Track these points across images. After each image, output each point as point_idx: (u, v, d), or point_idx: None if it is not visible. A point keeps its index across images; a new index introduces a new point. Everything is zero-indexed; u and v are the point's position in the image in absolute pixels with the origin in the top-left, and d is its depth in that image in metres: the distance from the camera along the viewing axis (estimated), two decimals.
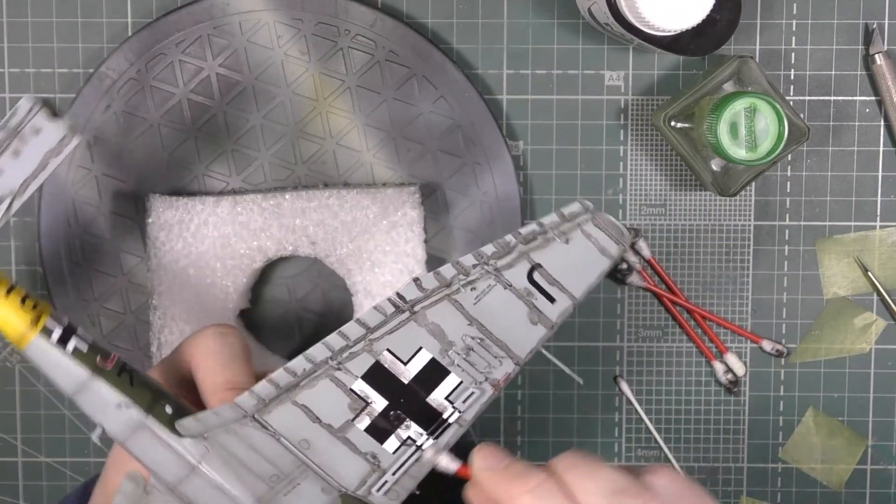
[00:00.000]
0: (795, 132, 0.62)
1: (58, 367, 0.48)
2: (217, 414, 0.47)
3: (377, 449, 0.48)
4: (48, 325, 0.48)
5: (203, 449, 0.47)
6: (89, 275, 0.67)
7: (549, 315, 0.49)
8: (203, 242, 0.65)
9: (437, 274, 0.48)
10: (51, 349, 0.48)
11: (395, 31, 0.66)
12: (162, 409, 0.48)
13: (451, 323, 0.48)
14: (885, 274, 0.68)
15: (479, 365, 0.48)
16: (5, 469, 0.69)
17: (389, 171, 0.67)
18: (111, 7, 0.67)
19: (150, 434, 0.48)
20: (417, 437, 0.48)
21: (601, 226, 0.49)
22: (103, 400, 0.48)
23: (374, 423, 0.48)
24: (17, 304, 0.48)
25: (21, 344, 0.48)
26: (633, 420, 0.69)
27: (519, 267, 0.48)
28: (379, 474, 0.48)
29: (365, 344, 0.47)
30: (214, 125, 0.66)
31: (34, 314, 0.48)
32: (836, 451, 0.69)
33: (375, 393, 0.48)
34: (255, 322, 0.68)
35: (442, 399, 0.48)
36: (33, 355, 0.48)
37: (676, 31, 0.59)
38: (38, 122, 0.50)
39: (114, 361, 0.48)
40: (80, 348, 0.48)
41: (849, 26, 0.67)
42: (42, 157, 0.50)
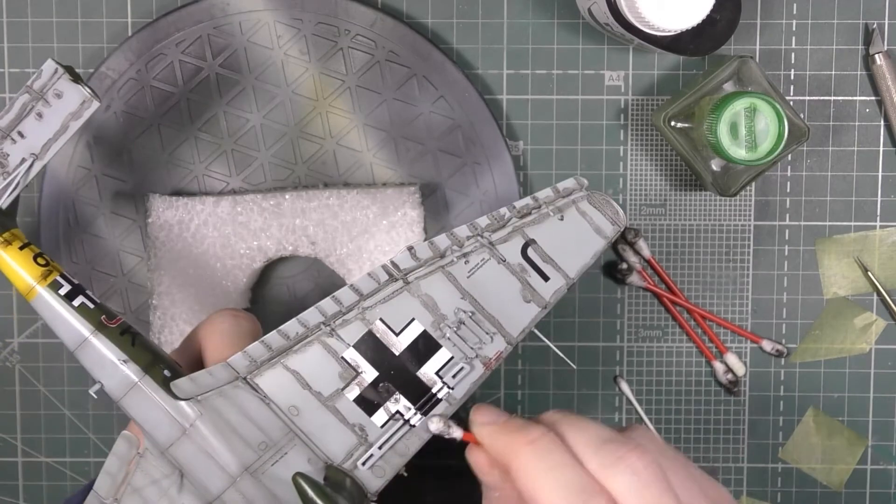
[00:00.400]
0: (795, 132, 0.62)
1: (63, 320, 0.50)
2: (211, 374, 0.48)
3: (365, 421, 0.48)
4: (58, 280, 0.50)
5: (196, 412, 0.48)
6: (89, 275, 0.67)
7: (542, 293, 0.49)
8: (203, 242, 0.65)
9: (432, 244, 0.48)
10: (58, 302, 0.50)
11: (395, 31, 0.66)
12: (159, 371, 0.49)
13: (444, 295, 0.48)
14: (885, 274, 0.68)
15: (470, 340, 0.48)
16: (5, 469, 0.69)
17: (389, 171, 0.67)
18: (111, 7, 0.67)
19: (145, 393, 0.48)
20: (406, 412, 0.48)
21: (597, 204, 0.49)
22: (103, 356, 0.49)
23: (364, 393, 0.48)
24: (29, 258, 0.51)
25: (30, 296, 0.50)
26: (633, 420, 0.69)
27: (513, 242, 0.48)
28: (366, 447, 0.48)
29: (358, 311, 0.47)
30: (214, 125, 0.67)
31: (45, 270, 0.50)
32: (836, 451, 0.69)
33: (366, 363, 0.48)
34: None
35: (432, 374, 0.48)
36: (40, 308, 0.50)
37: (676, 31, 0.59)
38: (61, 86, 0.52)
39: (118, 322, 0.50)
40: (87, 305, 0.50)
41: (849, 26, 0.67)
42: (63, 120, 0.53)
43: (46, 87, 0.52)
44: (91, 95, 0.52)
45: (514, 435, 0.45)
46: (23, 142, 0.52)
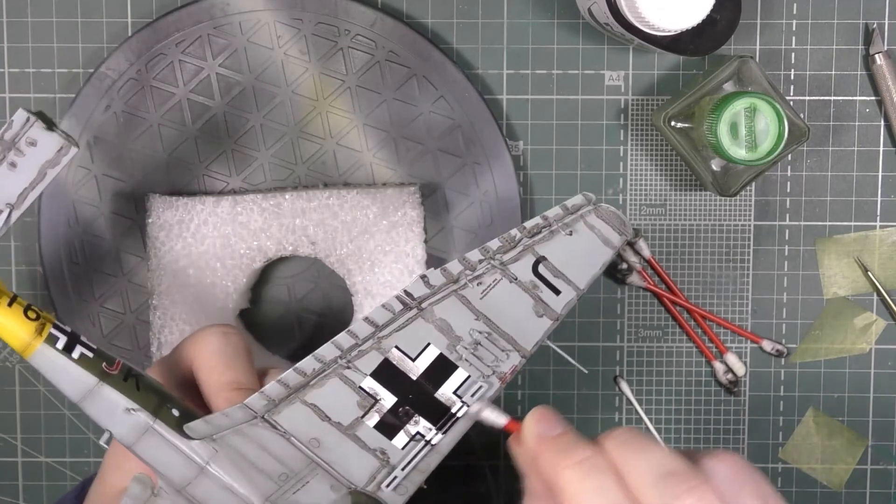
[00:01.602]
0: (795, 132, 0.62)
1: (65, 373, 0.48)
2: (227, 416, 0.47)
3: (386, 445, 0.48)
4: (53, 333, 0.48)
5: (211, 450, 0.47)
6: (89, 275, 0.67)
7: (554, 307, 0.49)
8: (203, 242, 0.65)
9: (444, 270, 0.48)
10: (57, 356, 0.48)
11: (395, 31, 0.66)
12: (169, 412, 0.48)
13: (459, 318, 0.48)
14: (885, 274, 0.68)
15: (486, 359, 0.48)
16: (5, 469, 0.69)
17: (389, 171, 0.67)
18: (111, 7, 0.67)
19: (158, 437, 0.47)
20: (426, 432, 0.48)
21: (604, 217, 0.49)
22: (111, 405, 0.48)
23: (384, 419, 0.48)
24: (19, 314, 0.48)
25: (27, 353, 0.48)
26: (633, 420, 0.69)
27: (524, 260, 0.48)
28: (388, 470, 0.48)
29: (374, 342, 0.47)
30: (214, 125, 0.66)
31: (38, 324, 0.48)
32: (836, 451, 0.69)
33: (384, 390, 0.48)
34: (255, 322, 0.68)
35: (450, 394, 0.48)
36: (40, 364, 0.48)
37: (676, 31, 0.59)
38: (34, 134, 0.50)
39: (119, 366, 0.48)
40: (86, 354, 0.48)
41: (849, 26, 0.67)
42: (39, 168, 0.50)
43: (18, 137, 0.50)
44: (68, 141, 0.50)
45: (562, 452, 0.44)
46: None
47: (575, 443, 0.44)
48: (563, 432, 0.45)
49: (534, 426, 0.46)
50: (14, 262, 0.68)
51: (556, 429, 0.46)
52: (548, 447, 0.45)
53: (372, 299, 0.65)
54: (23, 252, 0.68)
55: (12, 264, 0.68)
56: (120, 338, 0.67)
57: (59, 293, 0.67)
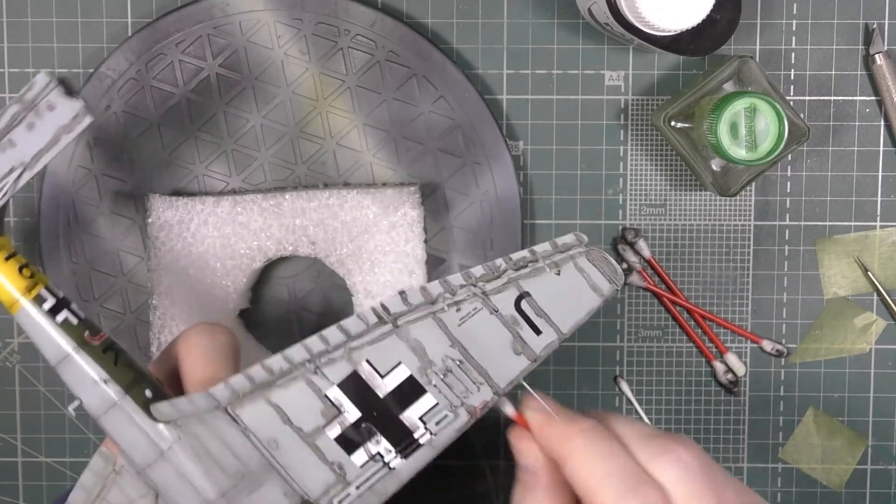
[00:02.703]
0: (795, 132, 0.62)
1: (45, 335, 0.49)
2: (191, 401, 0.47)
3: (345, 460, 0.48)
4: (42, 294, 0.49)
5: (175, 436, 0.48)
6: (89, 275, 0.67)
7: (533, 347, 0.48)
8: (203, 242, 0.65)
9: (424, 290, 0.47)
10: (40, 317, 0.49)
11: (395, 31, 0.66)
12: (141, 392, 0.48)
13: (433, 341, 0.48)
14: (885, 274, 0.68)
15: (456, 388, 0.48)
16: (5, 469, 0.69)
17: (389, 171, 0.67)
18: (111, 7, 0.67)
19: (125, 414, 0.48)
20: (386, 454, 0.48)
21: (595, 262, 0.48)
22: (84, 373, 0.48)
23: (345, 433, 0.47)
24: (14, 269, 0.49)
25: (13, 309, 0.49)
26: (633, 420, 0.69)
27: (507, 293, 0.48)
28: (343, 486, 0.48)
29: (344, 351, 0.47)
30: (214, 125, 0.67)
31: (30, 282, 0.49)
32: (836, 451, 0.69)
33: (349, 402, 0.47)
34: (255, 322, 0.68)
35: (415, 418, 0.48)
36: (23, 321, 0.49)
37: (676, 31, 0.59)
38: (54, 99, 0.51)
39: (101, 339, 0.49)
40: (70, 321, 0.49)
41: (849, 26, 0.67)
42: (55, 132, 0.52)
43: (38, 99, 0.51)
44: (84, 109, 0.52)
45: (566, 424, 0.46)
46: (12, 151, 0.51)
47: (575, 415, 0.46)
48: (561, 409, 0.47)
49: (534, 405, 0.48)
50: None
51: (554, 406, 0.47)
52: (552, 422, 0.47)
53: (372, 299, 0.65)
54: (23, 251, 0.68)
55: None
56: (120, 338, 0.67)
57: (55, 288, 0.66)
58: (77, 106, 0.52)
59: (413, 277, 0.65)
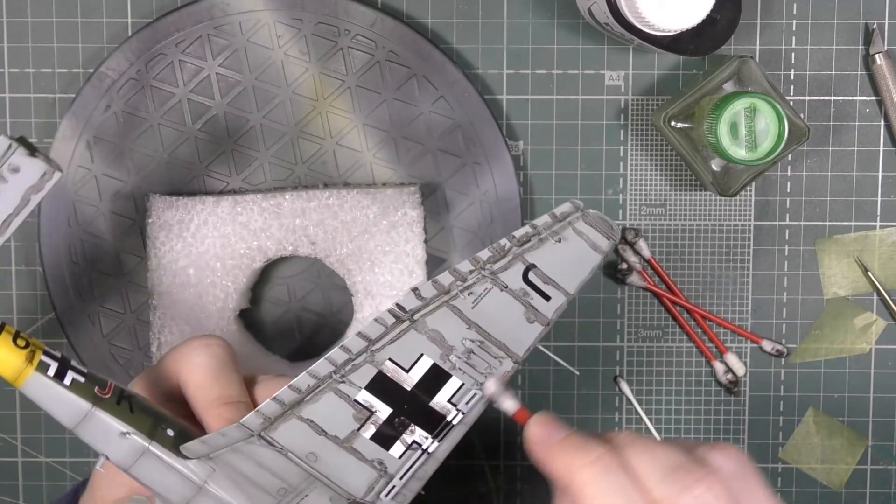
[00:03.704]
0: (795, 132, 0.62)
1: (58, 400, 0.47)
2: (223, 435, 0.47)
3: (383, 455, 0.48)
4: (43, 360, 0.47)
5: (209, 469, 0.47)
6: (89, 275, 0.67)
7: (545, 312, 0.49)
8: (203, 242, 0.65)
9: (436, 282, 0.48)
10: (49, 384, 0.47)
11: (395, 31, 0.66)
12: (164, 433, 0.48)
13: (451, 328, 0.48)
14: (885, 274, 0.68)
15: (479, 366, 0.48)
16: (5, 469, 0.69)
17: (389, 171, 0.67)
18: (111, 7, 0.67)
19: (155, 459, 0.47)
20: (423, 441, 0.48)
21: (591, 222, 0.49)
22: (106, 429, 0.47)
23: (380, 430, 0.48)
24: (8, 342, 0.47)
25: (18, 381, 0.47)
26: (633, 420, 0.69)
27: (514, 269, 0.49)
28: (386, 479, 0.48)
29: (367, 355, 0.48)
30: (214, 125, 0.66)
31: (27, 352, 0.47)
32: (836, 451, 0.69)
33: (379, 402, 0.48)
34: (255, 322, 0.68)
35: (445, 402, 0.48)
36: (32, 391, 0.47)
37: (676, 31, 0.59)
38: (16, 161, 0.49)
39: (111, 389, 0.48)
40: (78, 380, 0.47)
41: (849, 26, 0.67)
42: (23, 194, 0.50)
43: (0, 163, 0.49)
44: (51, 167, 0.50)
45: (574, 453, 0.44)
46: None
47: (584, 442, 0.44)
48: (569, 434, 0.46)
49: (538, 430, 0.46)
50: (14, 262, 0.68)
51: (560, 432, 0.46)
52: (558, 450, 0.45)
53: (372, 299, 0.65)
54: (23, 252, 0.68)
55: (12, 264, 0.68)
56: (120, 338, 0.67)
57: (59, 293, 0.67)
58: (42, 165, 0.49)
59: (413, 277, 0.65)
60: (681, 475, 0.42)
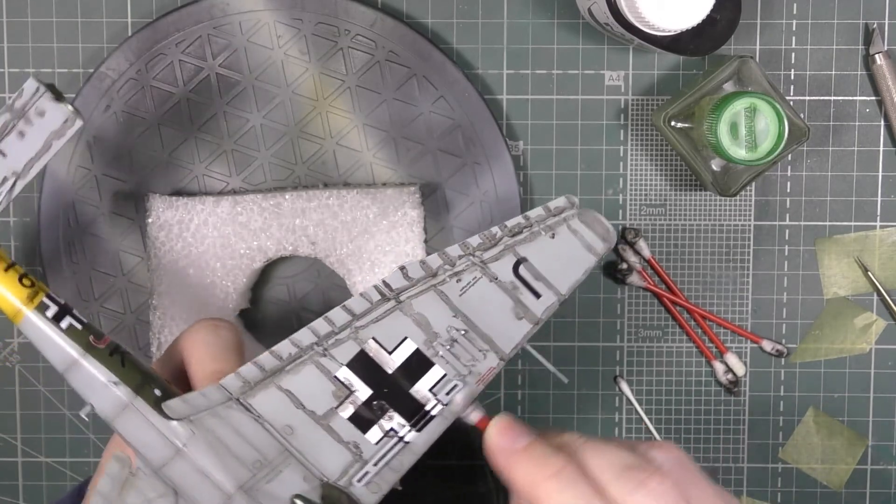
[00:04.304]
0: (795, 132, 0.62)
1: (51, 342, 0.49)
2: (203, 395, 0.48)
3: (360, 439, 0.48)
4: (44, 301, 0.49)
5: (189, 432, 0.48)
6: (89, 275, 0.67)
7: (534, 310, 0.49)
8: (203, 242, 0.65)
9: (423, 263, 0.48)
10: (45, 325, 0.49)
11: (395, 31, 0.66)
12: (150, 391, 0.49)
13: (437, 314, 0.48)
14: (885, 274, 0.68)
15: (463, 357, 0.48)
16: (5, 469, 0.69)
17: (389, 171, 0.67)
18: (111, 7, 0.67)
19: (138, 414, 0.48)
20: (400, 429, 0.48)
21: (587, 222, 0.49)
22: (93, 377, 0.48)
23: (358, 412, 0.48)
24: (14, 280, 0.49)
25: (16, 319, 0.49)
26: (633, 420, 0.69)
27: (505, 260, 0.48)
28: (360, 465, 0.48)
29: (350, 331, 0.48)
30: (214, 125, 0.67)
31: (31, 291, 0.49)
32: (836, 451, 0.69)
33: (360, 381, 0.48)
34: (255, 322, 0.68)
35: (426, 391, 0.48)
36: (28, 330, 0.49)
37: (676, 31, 0.59)
38: (43, 105, 0.51)
39: (106, 342, 0.49)
40: (75, 326, 0.49)
41: (849, 26, 0.67)
42: (46, 138, 0.52)
43: (28, 106, 0.51)
44: (74, 114, 0.51)
45: (536, 465, 0.45)
46: (4, 161, 0.51)
47: (546, 454, 0.45)
48: (531, 443, 0.46)
49: (498, 440, 0.47)
50: None
51: (522, 439, 0.47)
52: (519, 461, 0.46)
53: None
54: (23, 252, 0.68)
55: None
56: (120, 338, 0.67)
57: (59, 294, 0.67)
58: (66, 110, 0.51)
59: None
60: (633, 473, 0.44)
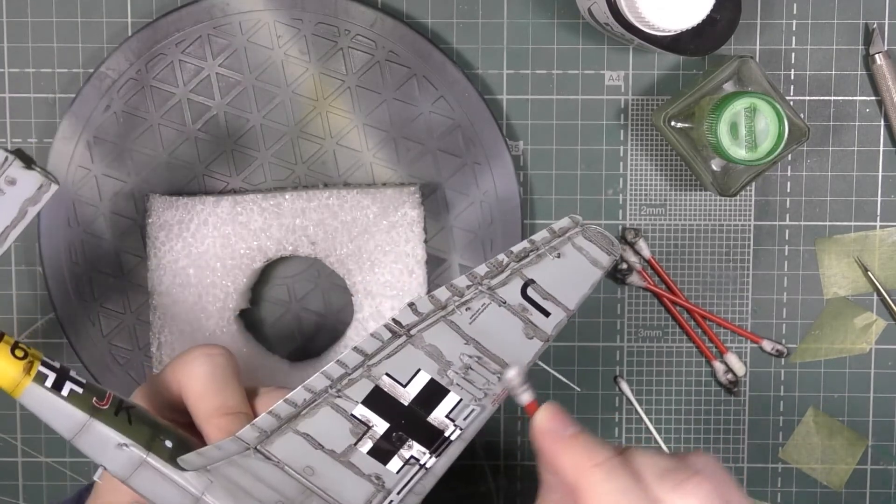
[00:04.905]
0: (795, 132, 0.62)
1: (56, 411, 0.47)
2: (220, 448, 0.47)
3: (381, 470, 0.48)
4: (41, 371, 0.47)
5: (206, 481, 0.47)
6: (89, 275, 0.67)
7: (544, 328, 0.49)
8: (203, 242, 0.65)
9: (432, 297, 0.48)
10: (47, 395, 0.47)
11: (395, 31, 0.66)
12: (161, 444, 0.48)
13: (448, 343, 0.48)
14: (885, 274, 0.68)
15: (477, 382, 0.48)
16: (5, 469, 0.69)
17: (389, 171, 0.67)
18: (111, 7, 0.67)
19: (152, 470, 0.47)
20: (420, 456, 0.48)
21: (592, 238, 0.49)
22: (103, 440, 0.47)
23: (377, 445, 0.48)
24: (7, 353, 0.47)
25: (16, 392, 0.48)
26: (633, 420, 0.69)
27: (512, 284, 0.48)
28: (384, 494, 0.48)
29: (363, 370, 0.47)
30: (214, 125, 0.66)
31: (25, 363, 0.47)
32: (836, 451, 0.69)
33: (376, 416, 0.48)
34: (255, 322, 0.68)
35: (443, 417, 0.48)
36: (29, 402, 0.48)
37: (676, 31, 0.59)
38: (13, 173, 0.50)
39: (109, 400, 0.48)
40: (76, 391, 0.48)
41: (849, 26, 0.67)
42: (20, 206, 0.50)
43: None
44: (48, 179, 0.50)
45: (583, 453, 0.46)
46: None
47: (594, 444, 0.46)
48: (578, 432, 0.47)
49: (549, 423, 0.47)
50: (14, 262, 0.68)
51: (569, 428, 0.47)
52: (567, 447, 0.46)
53: (372, 299, 0.65)
54: (23, 252, 0.68)
55: (12, 264, 0.68)
56: (120, 338, 0.67)
57: (59, 293, 0.67)
58: (38, 177, 0.50)
59: (413, 277, 0.65)
60: (673, 474, 0.45)
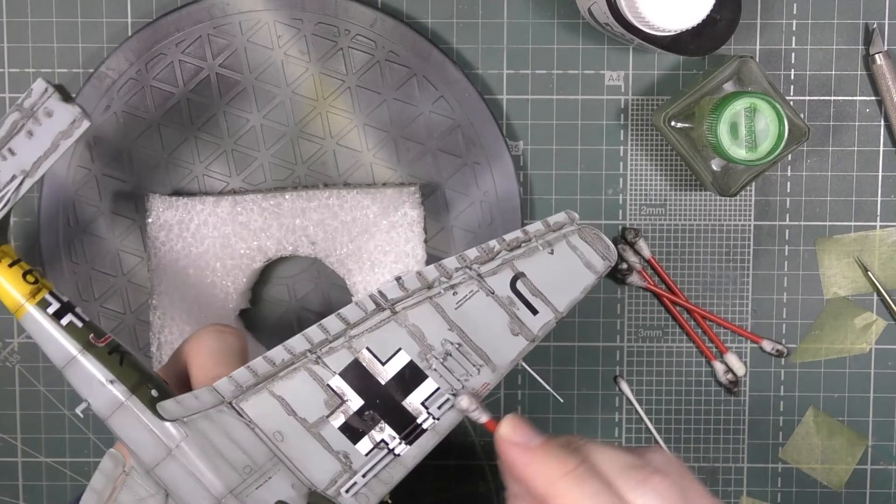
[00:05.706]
0: (795, 132, 0.62)
1: (50, 338, 0.50)
2: (196, 397, 0.48)
3: (350, 449, 0.48)
4: (46, 298, 0.50)
5: (182, 434, 0.48)
6: (89, 275, 0.67)
7: (530, 327, 0.48)
8: (203, 242, 0.65)
9: (419, 274, 0.48)
10: (45, 321, 0.50)
11: (395, 31, 0.66)
12: (147, 391, 0.49)
13: (432, 326, 0.48)
14: (885, 274, 0.68)
15: (456, 371, 0.48)
16: (5, 469, 0.69)
17: (389, 171, 0.67)
18: (111, 7, 0.67)
19: (132, 413, 0.49)
20: (390, 441, 0.48)
21: (587, 239, 0.49)
22: (90, 375, 0.49)
23: (349, 421, 0.48)
24: (18, 275, 0.50)
25: (18, 314, 0.50)
26: (633, 420, 0.69)
27: (502, 274, 0.48)
28: (349, 475, 0.48)
29: (344, 340, 0.47)
30: (214, 125, 0.67)
31: (34, 287, 0.50)
32: (836, 451, 0.69)
33: (352, 391, 0.48)
34: (255, 322, 0.68)
35: (418, 404, 0.48)
36: (29, 326, 0.50)
37: (676, 31, 0.59)
38: (51, 105, 0.52)
39: (106, 341, 0.50)
40: (75, 324, 0.50)
41: (849, 26, 0.67)
42: (53, 138, 0.52)
43: (37, 106, 0.52)
44: (82, 114, 0.52)
45: (553, 462, 0.46)
46: (13, 159, 0.52)
47: (562, 452, 0.46)
48: (546, 441, 0.47)
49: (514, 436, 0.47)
50: None
51: (535, 438, 0.47)
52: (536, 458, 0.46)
53: None
54: (23, 252, 0.68)
55: None
56: (120, 337, 0.67)
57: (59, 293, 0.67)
58: (74, 111, 0.52)
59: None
60: (635, 472, 0.45)
